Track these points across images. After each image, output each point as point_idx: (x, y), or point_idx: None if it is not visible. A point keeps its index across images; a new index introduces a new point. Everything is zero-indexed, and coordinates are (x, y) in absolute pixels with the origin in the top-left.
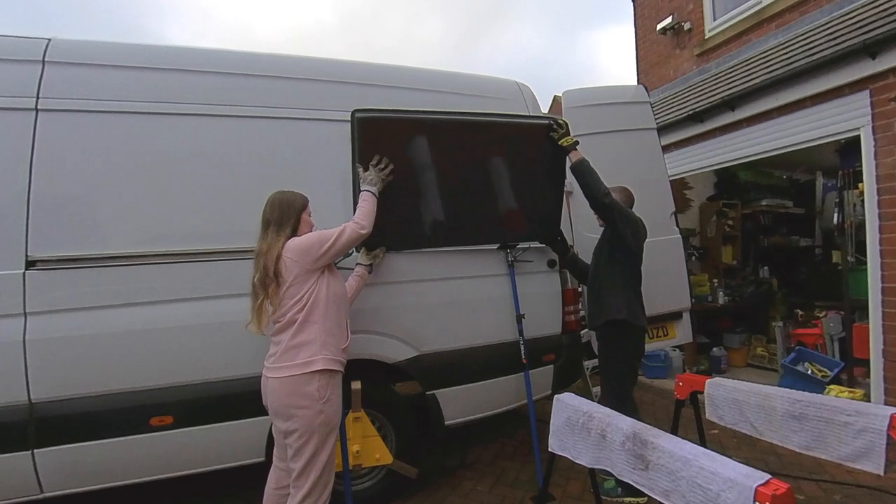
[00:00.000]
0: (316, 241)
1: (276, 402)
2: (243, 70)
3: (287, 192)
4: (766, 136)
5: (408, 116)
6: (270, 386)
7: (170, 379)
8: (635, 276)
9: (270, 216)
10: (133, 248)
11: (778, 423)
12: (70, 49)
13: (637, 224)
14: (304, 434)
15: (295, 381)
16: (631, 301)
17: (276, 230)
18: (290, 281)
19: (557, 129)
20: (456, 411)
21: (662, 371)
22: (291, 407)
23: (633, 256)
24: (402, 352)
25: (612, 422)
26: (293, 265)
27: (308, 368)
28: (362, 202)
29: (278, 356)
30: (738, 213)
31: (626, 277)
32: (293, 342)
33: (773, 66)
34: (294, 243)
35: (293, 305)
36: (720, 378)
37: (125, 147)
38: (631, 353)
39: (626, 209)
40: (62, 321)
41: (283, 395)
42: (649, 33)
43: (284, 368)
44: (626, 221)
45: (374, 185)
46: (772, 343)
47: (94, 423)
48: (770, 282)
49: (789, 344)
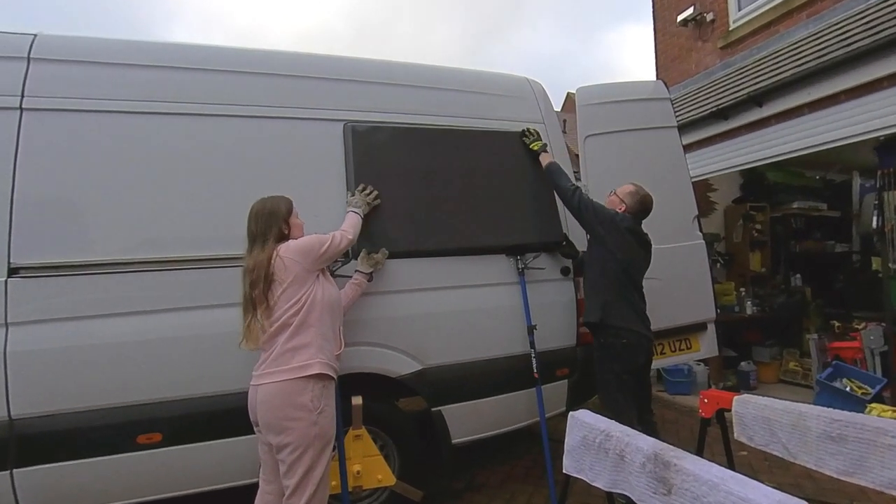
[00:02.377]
0: (315, 242)
1: (267, 413)
2: (240, 67)
3: (268, 200)
4: (797, 134)
5: (400, 126)
6: (261, 395)
7: (159, 393)
8: (620, 278)
9: (256, 230)
10: (122, 255)
11: (814, 444)
12: (57, 45)
13: (614, 222)
14: (297, 448)
15: (289, 388)
16: (609, 303)
17: (261, 244)
18: (288, 281)
19: (528, 135)
20: (463, 429)
21: (686, 387)
22: (285, 419)
23: (613, 256)
24: (405, 365)
25: (632, 441)
26: (293, 265)
27: (304, 372)
28: (348, 217)
29: (270, 361)
30: (767, 217)
31: (608, 278)
32: (288, 345)
33: (805, 58)
34: (294, 244)
35: (289, 308)
36: (749, 395)
37: (115, 148)
38: (617, 362)
39: (601, 208)
40: (46, 332)
41: (276, 405)
42: (669, 25)
43: (277, 373)
44: (598, 220)
45: (360, 207)
46: (806, 357)
47: (77, 440)
48: (803, 291)
49: (825, 358)
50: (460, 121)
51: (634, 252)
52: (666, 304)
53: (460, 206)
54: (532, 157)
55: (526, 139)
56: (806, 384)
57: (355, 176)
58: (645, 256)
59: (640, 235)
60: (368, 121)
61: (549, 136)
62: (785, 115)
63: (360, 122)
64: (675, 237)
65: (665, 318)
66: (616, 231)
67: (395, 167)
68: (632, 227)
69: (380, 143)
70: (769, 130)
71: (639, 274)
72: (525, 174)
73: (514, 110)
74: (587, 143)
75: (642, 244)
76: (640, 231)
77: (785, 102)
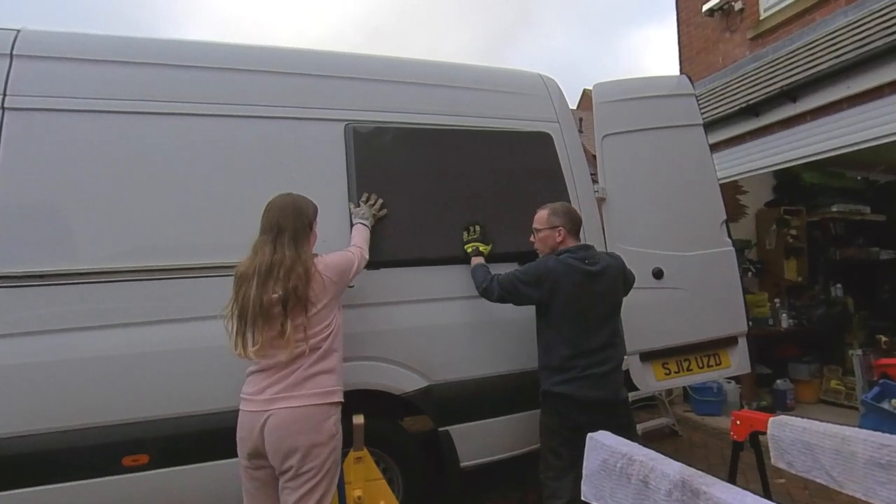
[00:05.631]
0: (348, 261)
1: (286, 439)
2: (236, 64)
3: (298, 197)
4: (836, 131)
5: (405, 126)
6: (279, 420)
7: (146, 412)
8: (555, 332)
9: (284, 223)
10: (109, 263)
11: (861, 472)
12: (42, 41)
13: (539, 275)
14: (316, 475)
15: (315, 414)
16: (539, 355)
17: (293, 241)
18: (323, 303)
19: (469, 231)
20: (473, 451)
21: (716, 407)
22: (310, 445)
23: (546, 308)
24: (410, 381)
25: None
26: (332, 286)
27: (331, 398)
28: (359, 231)
29: (292, 385)
30: (803, 222)
31: (540, 329)
32: (313, 370)
33: (843, 48)
34: (333, 263)
35: (320, 332)
36: (786, 416)
37: (104, 150)
38: (551, 414)
39: (525, 270)
40: (25, 346)
41: (299, 430)
42: (693, 16)
43: (304, 397)
44: (532, 285)
45: (367, 219)
46: (849, 375)
47: (58, 463)
48: (844, 302)
49: (871, 377)
50: (468, 120)
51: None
52: (692, 317)
53: (468, 212)
54: (543, 160)
55: (465, 233)
56: (850, 405)
57: (357, 181)
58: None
59: (584, 261)
60: (371, 121)
61: (565, 136)
62: (822, 111)
63: (362, 122)
64: (701, 244)
65: (691, 332)
66: (546, 280)
67: (399, 170)
68: (574, 258)
69: (383, 144)
70: (804, 128)
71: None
72: (537, 177)
73: (527, 109)
74: (605, 143)
75: (592, 276)
76: (586, 255)
77: (822, 97)
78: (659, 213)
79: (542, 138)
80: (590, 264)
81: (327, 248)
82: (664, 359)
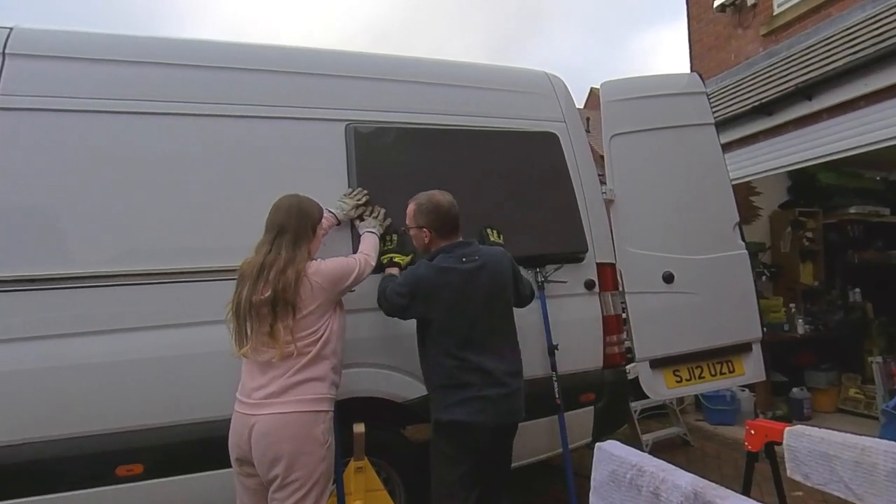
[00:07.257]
0: (346, 269)
1: (272, 446)
2: (234, 64)
3: (304, 199)
4: (853, 130)
5: (407, 126)
6: (265, 425)
7: (141, 420)
8: (439, 348)
9: (286, 224)
10: (104, 267)
11: (882, 485)
12: (35, 39)
13: (411, 286)
14: (305, 484)
15: (303, 420)
16: (425, 379)
17: (292, 242)
18: (310, 309)
19: (386, 240)
20: None
21: (729, 416)
22: (297, 453)
23: (427, 322)
24: (412, 388)
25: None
26: (321, 292)
27: (318, 406)
28: (367, 239)
29: (278, 391)
30: (819, 224)
31: (424, 346)
32: (299, 376)
33: (861, 44)
34: (325, 269)
35: (306, 337)
36: (803, 426)
37: (98, 151)
38: (444, 441)
39: (401, 280)
40: (15, 352)
41: (286, 436)
42: (705, 11)
43: (290, 403)
44: (397, 302)
45: (375, 227)
46: (868, 384)
47: (49, 473)
48: (863, 307)
49: (891, 385)
50: (472, 120)
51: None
52: (704, 322)
53: (473, 214)
54: (549, 161)
55: (381, 243)
56: (870, 414)
57: (358, 182)
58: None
59: (462, 259)
60: (373, 121)
61: (572, 136)
62: (838, 109)
63: (363, 122)
64: (713, 247)
65: (703, 338)
66: (420, 289)
67: (401, 172)
68: (450, 258)
69: (385, 145)
70: (820, 126)
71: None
72: (543, 179)
73: (532, 108)
74: (613, 143)
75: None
76: (463, 253)
77: (838, 95)
78: (669, 215)
79: (548, 138)
80: (468, 261)
81: (326, 250)
82: (675, 366)
